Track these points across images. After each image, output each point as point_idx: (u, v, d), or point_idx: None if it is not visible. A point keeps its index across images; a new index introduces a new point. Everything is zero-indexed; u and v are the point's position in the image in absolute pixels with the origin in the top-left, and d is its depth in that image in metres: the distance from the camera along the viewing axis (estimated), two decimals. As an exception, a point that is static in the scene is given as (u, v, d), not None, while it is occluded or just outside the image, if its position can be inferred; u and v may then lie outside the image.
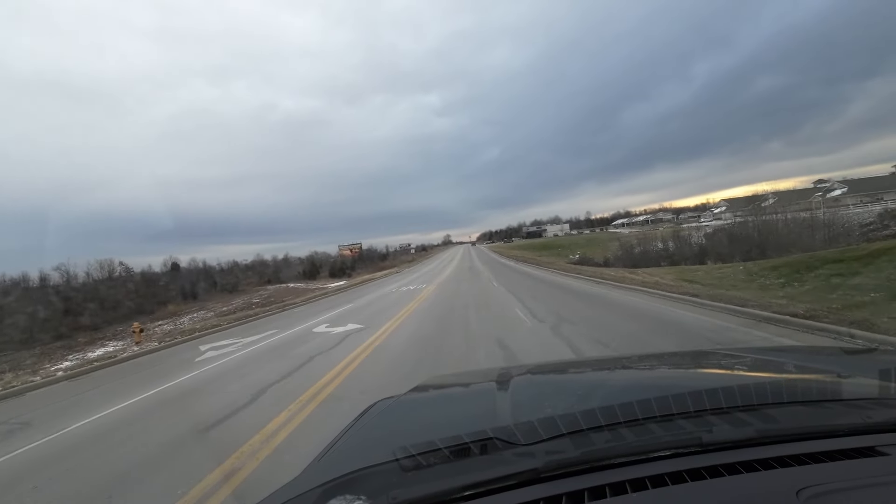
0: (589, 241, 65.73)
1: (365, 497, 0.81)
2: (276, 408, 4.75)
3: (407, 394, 1.64)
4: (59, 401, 6.83)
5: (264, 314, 16.68)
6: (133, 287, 30.83)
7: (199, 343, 11.22)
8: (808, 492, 0.68)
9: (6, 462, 4.40)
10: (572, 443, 0.89)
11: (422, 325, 9.14)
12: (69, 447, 4.53)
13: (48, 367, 11.16)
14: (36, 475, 3.91)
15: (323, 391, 5.20)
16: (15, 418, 6.07)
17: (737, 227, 25.82)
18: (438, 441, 0.90)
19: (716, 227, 34.83)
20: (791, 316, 6.09)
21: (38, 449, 4.65)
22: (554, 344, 6.28)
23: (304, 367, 6.69)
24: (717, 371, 1.60)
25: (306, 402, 4.86)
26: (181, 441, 4.21)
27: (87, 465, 3.97)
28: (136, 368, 8.87)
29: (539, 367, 2.15)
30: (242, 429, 4.23)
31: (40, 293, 26.38)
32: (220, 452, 3.69)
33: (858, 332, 5.04)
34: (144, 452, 4.01)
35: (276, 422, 4.30)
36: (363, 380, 5.55)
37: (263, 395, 5.40)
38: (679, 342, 5.74)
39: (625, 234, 57.24)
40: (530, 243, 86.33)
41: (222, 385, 6.26)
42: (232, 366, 7.67)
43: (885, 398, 1.04)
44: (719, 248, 24.26)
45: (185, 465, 3.56)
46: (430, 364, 5.85)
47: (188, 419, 4.89)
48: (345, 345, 8.04)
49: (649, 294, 10.26)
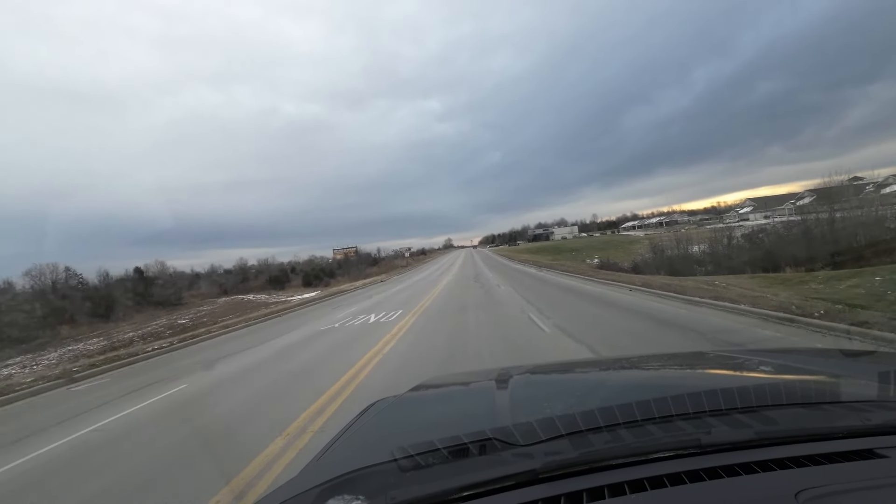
0: (605, 244, 60.51)
1: (363, 497, 0.80)
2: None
3: (406, 394, 1.64)
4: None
5: (143, 356, 11.69)
6: (31, 305, 25.05)
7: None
8: (806, 494, 0.68)
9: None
10: (571, 444, 0.88)
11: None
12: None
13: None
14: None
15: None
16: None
17: (817, 223, 20.17)
18: (437, 441, 0.90)
19: (755, 227, 31.63)
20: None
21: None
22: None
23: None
24: (716, 372, 1.59)
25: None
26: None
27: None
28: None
29: (538, 368, 2.16)
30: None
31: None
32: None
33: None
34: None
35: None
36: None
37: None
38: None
39: (639, 236, 53.10)
40: (538, 246, 79.92)
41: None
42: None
43: (883, 401, 1.03)
44: (791, 249, 18.65)
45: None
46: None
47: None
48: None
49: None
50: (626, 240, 57.72)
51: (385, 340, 8.52)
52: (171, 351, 12.50)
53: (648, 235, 53.06)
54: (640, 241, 42.10)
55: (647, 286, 11.61)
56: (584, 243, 69.51)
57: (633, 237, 57.30)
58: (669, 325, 7.12)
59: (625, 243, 50.79)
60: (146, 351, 12.46)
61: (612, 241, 65.38)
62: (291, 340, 10.73)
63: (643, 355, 2.75)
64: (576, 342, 6.57)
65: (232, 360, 9.14)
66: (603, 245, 58.14)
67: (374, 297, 20.32)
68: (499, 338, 7.47)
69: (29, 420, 6.76)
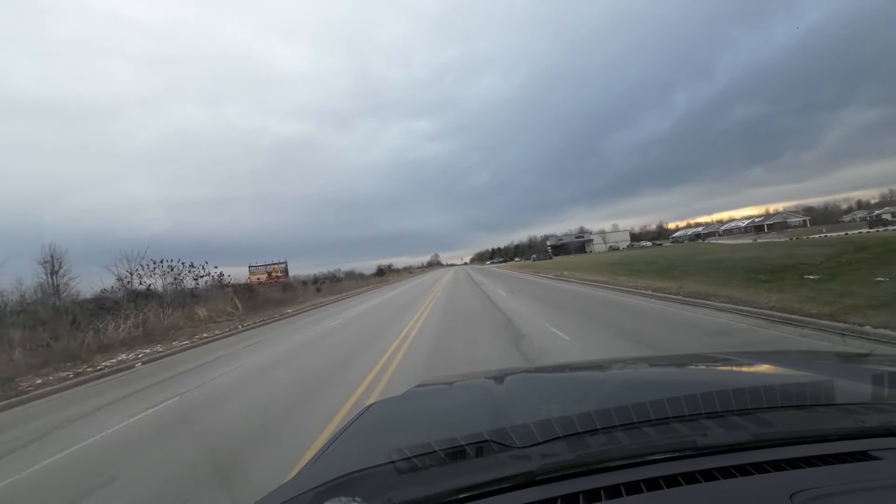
0: (709, 255, 23.60)
1: (360, 499, 0.80)
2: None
3: (403, 395, 1.64)
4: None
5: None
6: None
7: None
8: (802, 495, 0.68)
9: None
10: (568, 445, 0.88)
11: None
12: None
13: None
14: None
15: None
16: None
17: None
18: (434, 443, 0.90)
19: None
20: None
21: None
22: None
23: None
24: (712, 374, 1.59)
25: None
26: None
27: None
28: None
29: (536, 370, 2.15)
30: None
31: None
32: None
33: None
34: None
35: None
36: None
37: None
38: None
39: (746, 243, 31.72)
40: (575, 261, 47.72)
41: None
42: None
43: (878, 403, 1.04)
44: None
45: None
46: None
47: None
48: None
49: None
50: (739, 249, 26.39)
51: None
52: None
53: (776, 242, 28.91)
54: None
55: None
56: (652, 254, 37.02)
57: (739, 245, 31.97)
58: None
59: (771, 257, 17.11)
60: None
61: (703, 250, 29.83)
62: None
63: (640, 357, 2.67)
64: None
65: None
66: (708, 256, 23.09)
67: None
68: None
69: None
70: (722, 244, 41.53)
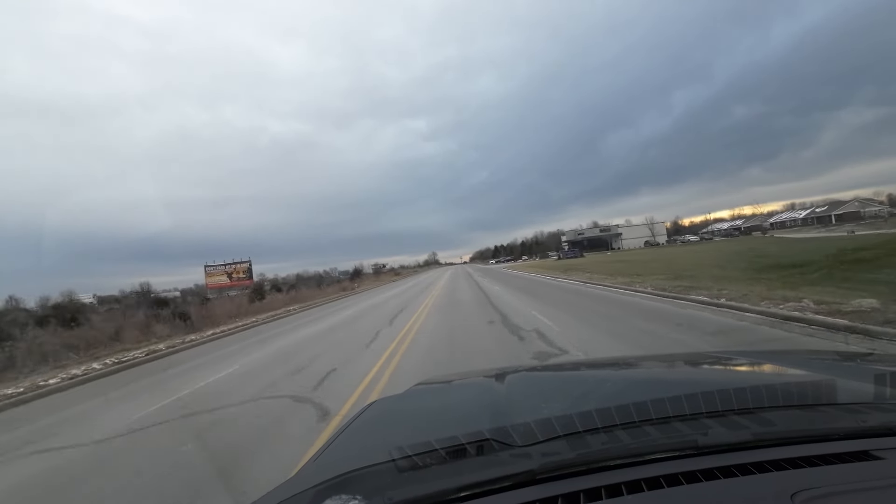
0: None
1: (360, 497, 0.80)
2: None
3: (404, 394, 1.64)
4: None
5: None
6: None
7: None
8: (803, 495, 0.68)
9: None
10: (568, 444, 0.88)
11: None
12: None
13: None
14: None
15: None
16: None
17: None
18: (434, 441, 0.90)
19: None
20: None
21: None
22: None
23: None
24: (714, 374, 1.58)
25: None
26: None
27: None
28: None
29: (536, 369, 2.17)
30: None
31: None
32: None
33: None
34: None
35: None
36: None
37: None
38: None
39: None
40: (616, 261, 35.34)
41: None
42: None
43: (879, 402, 1.03)
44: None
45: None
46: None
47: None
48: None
49: None
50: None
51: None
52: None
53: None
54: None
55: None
56: (710, 248, 31.85)
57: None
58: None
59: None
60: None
61: (752, 246, 28.48)
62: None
63: (641, 356, 2.68)
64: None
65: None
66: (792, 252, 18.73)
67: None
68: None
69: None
70: (802, 238, 33.22)
